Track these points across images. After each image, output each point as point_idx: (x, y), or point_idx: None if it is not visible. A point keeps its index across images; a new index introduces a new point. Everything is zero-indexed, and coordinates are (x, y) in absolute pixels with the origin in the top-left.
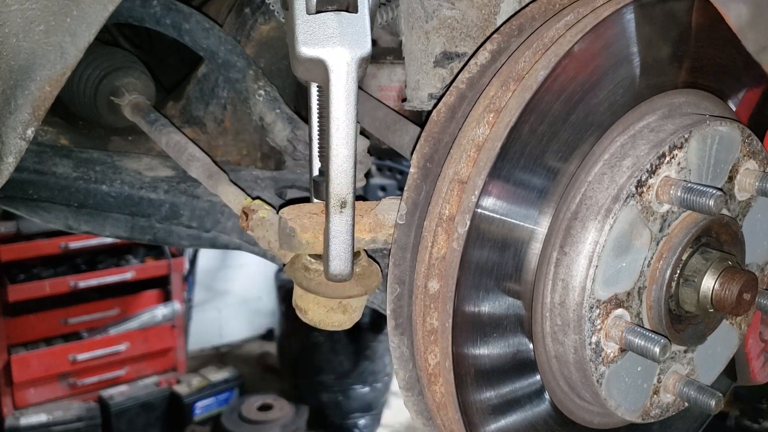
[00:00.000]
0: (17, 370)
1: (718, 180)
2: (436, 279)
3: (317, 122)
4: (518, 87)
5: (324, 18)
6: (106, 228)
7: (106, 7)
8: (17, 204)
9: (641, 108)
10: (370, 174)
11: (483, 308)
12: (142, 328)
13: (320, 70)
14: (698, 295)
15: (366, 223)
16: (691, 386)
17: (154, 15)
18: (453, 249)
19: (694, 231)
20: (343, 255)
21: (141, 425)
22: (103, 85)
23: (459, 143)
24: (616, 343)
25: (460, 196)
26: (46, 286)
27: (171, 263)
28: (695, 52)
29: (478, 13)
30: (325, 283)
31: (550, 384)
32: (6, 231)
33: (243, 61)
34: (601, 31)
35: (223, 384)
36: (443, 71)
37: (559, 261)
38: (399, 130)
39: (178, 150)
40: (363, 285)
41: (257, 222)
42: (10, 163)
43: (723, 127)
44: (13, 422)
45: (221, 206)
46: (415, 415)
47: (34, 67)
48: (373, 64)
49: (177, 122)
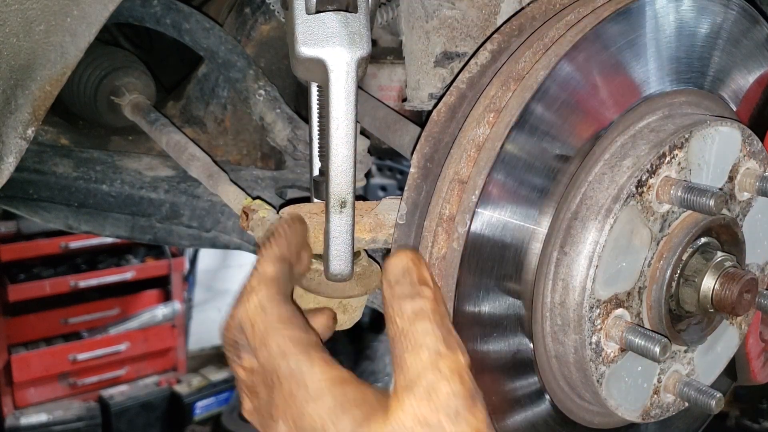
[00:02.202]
0: (17, 370)
1: (719, 180)
2: (436, 279)
3: (317, 122)
4: (518, 87)
5: (324, 18)
6: (106, 228)
7: (107, 6)
8: (17, 204)
9: (641, 108)
10: (371, 174)
11: (483, 308)
12: (143, 328)
13: (320, 70)
14: (698, 295)
15: (366, 223)
16: (691, 386)
17: (154, 15)
18: (453, 249)
19: (695, 231)
20: (343, 255)
21: (141, 425)
22: (103, 84)
23: (459, 143)
24: (616, 343)
25: (461, 196)
26: (47, 285)
27: (171, 263)
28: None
29: (479, 13)
30: (325, 282)
31: (550, 384)
32: (6, 231)
33: (243, 60)
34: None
35: (223, 384)
36: (443, 71)
37: (560, 261)
38: (399, 130)
39: (179, 150)
40: (363, 285)
41: (257, 222)
42: (10, 162)
43: (723, 127)
44: (13, 422)
45: (221, 206)
46: None
47: (35, 67)
48: (373, 64)
49: (177, 122)
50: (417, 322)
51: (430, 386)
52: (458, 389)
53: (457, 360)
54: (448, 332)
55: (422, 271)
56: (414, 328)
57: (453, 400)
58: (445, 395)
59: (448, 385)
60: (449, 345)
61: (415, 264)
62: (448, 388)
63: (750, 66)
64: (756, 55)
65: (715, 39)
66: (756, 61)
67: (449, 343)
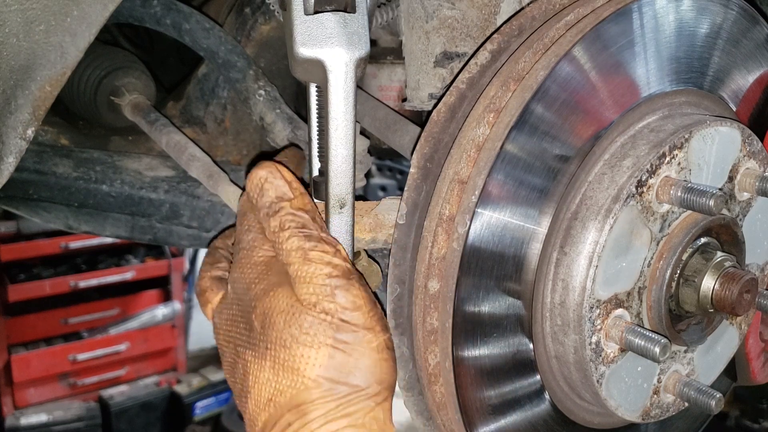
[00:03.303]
0: (17, 370)
1: (719, 180)
2: (436, 279)
3: (316, 122)
4: (518, 87)
5: (322, 18)
6: (106, 228)
7: (107, 7)
8: (17, 204)
9: (641, 108)
10: (370, 174)
11: (483, 308)
12: (143, 328)
13: (319, 70)
14: (698, 295)
15: (366, 223)
16: (691, 386)
17: (154, 15)
18: (453, 249)
19: (695, 231)
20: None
21: (141, 425)
22: (103, 84)
23: (459, 143)
24: (616, 343)
25: (460, 196)
26: (47, 286)
27: (171, 263)
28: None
29: (479, 13)
30: None
31: (550, 384)
32: (6, 231)
33: (243, 61)
34: (602, 31)
35: (223, 384)
36: (443, 71)
37: (559, 261)
38: (399, 130)
39: (179, 150)
40: None
41: None
42: (10, 163)
43: (723, 127)
44: (13, 422)
45: (221, 206)
46: (415, 415)
47: (35, 67)
48: (373, 64)
49: (177, 122)
50: (282, 235)
51: (307, 275)
52: (329, 271)
53: (324, 252)
54: (308, 237)
55: (278, 184)
56: (281, 242)
57: (329, 280)
58: (321, 278)
59: (322, 270)
60: (315, 247)
61: (273, 176)
62: (322, 272)
63: (750, 66)
64: (756, 55)
65: (715, 39)
66: (756, 61)
67: (314, 246)
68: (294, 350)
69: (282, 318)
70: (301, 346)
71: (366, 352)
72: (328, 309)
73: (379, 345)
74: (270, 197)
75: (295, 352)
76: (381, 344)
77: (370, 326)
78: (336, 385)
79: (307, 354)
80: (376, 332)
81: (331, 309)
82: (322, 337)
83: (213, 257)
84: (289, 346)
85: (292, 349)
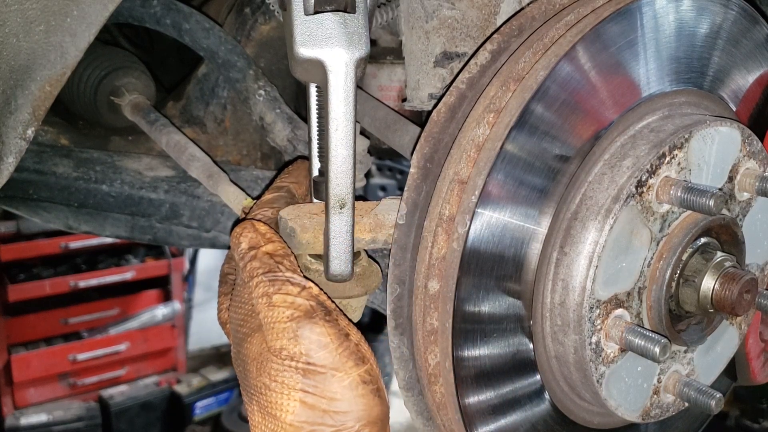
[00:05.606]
0: (17, 370)
1: (718, 180)
2: (436, 279)
3: (316, 122)
4: (518, 87)
5: (322, 18)
6: (106, 228)
7: (107, 7)
8: (17, 204)
9: (641, 108)
10: (370, 174)
11: (483, 308)
12: (142, 328)
13: (318, 70)
14: (698, 295)
15: (366, 223)
16: (691, 386)
17: (154, 15)
18: (453, 249)
19: (695, 231)
20: (343, 255)
21: (141, 425)
22: (103, 84)
23: (459, 143)
24: (616, 343)
25: (460, 196)
26: (46, 285)
27: (171, 263)
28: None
29: (478, 13)
30: (325, 283)
31: (550, 384)
32: (6, 231)
33: (243, 61)
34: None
35: (223, 384)
36: (443, 71)
37: (559, 261)
38: (399, 130)
39: (178, 150)
40: (363, 285)
41: None
42: (10, 163)
43: (723, 127)
44: (13, 422)
45: (221, 206)
46: (415, 415)
47: (35, 67)
48: (373, 64)
49: (177, 122)
50: (251, 284)
51: (271, 320)
52: (291, 313)
53: (287, 294)
54: (273, 281)
55: (251, 236)
56: (251, 291)
57: (290, 324)
58: (282, 322)
59: (284, 314)
60: (279, 290)
61: (247, 230)
62: (284, 315)
63: (750, 66)
64: (756, 55)
65: (715, 39)
66: (756, 61)
67: (277, 289)
68: (268, 397)
69: (255, 366)
70: (273, 393)
71: (338, 391)
72: (293, 354)
73: (352, 382)
74: (243, 248)
75: (270, 400)
76: (353, 381)
77: (338, 365)
78: (317, 426)
79: (280, 401)
80: (347, 369)
81: (295, 353)
82: (291, 382)
83: (226, 286)
84: (264, 393)
85: (267, 396)
